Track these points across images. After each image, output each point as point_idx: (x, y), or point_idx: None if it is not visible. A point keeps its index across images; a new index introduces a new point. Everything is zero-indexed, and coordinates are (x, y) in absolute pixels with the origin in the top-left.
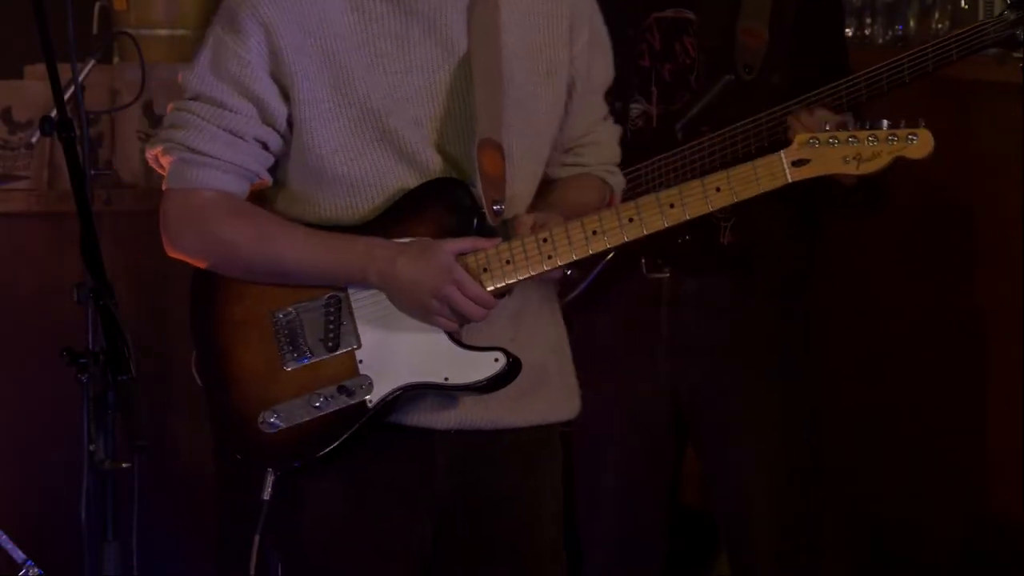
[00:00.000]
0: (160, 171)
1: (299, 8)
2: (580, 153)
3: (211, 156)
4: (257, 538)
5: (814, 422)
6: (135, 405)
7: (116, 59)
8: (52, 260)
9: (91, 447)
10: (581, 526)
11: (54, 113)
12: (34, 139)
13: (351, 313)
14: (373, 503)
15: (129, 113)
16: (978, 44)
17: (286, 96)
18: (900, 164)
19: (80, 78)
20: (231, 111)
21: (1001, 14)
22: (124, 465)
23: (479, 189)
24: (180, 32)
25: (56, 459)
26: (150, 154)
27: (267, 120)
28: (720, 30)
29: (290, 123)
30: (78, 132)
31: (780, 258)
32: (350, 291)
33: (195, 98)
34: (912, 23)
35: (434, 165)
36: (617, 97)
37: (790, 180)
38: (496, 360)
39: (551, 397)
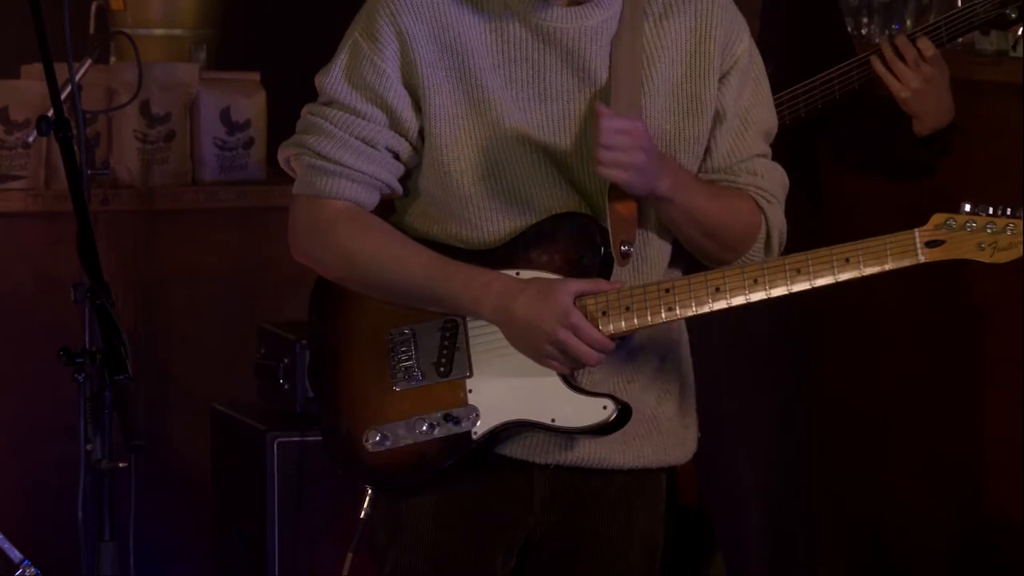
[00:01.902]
0: (291, 174)
1: (438, 22)
2: (734, 173)
3: (342, 164)
4: (350, 556)
5: (811, 421)
6: (132, 405)
7: (113, 59)
8: (49, 260)
9: (88, 446)
10: None
11: (51, 113)
12: (31, 139)
13: (466, 340)
14: (465, 529)
15: (126, 113)
16: (966, 26)
17: (418, 108)
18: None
19: (77, 78)
20: (364, 119)
21: None
22: (121, 465)
23: (608, 227)
24: (177, 32)
25: (53, 458)
26: (282, 156)
27: (399, 130)
28: None
29: (422, 136)
30: (75, 132)
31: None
32: (468, 318)
33: (329, 103)
34: (909, 22)
35: (564, 196)
36: None
37: (921, 260)
38: (604, 408)
39: (661, 442)
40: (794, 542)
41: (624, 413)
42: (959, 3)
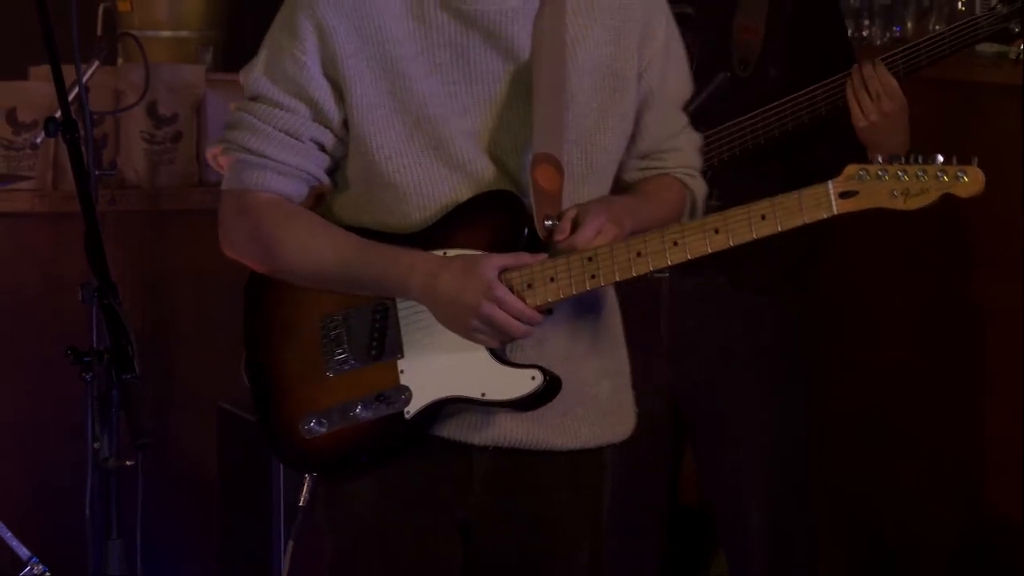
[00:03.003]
0: (220, 171)
1: (357, 12)
2: (660, 158)
3: (267, 157)
4: (291, 543)
5: (812, 421)
6: (139, 403)
7: (120, 60)
8: (57, 260)
9: (95, 445)
10: None
11: (59, 114)
12: (39, 140)
13: (397, 322)
14: (405, 512)
15: (133, 114)
16: (971, 38)
17: (341, 99)
18: (947, 201)
19: (84, 79)
20: (287, 112)
21: (994, 8)
22: (128, 463)
23: (531, 202)
24: (183, 33)
25: (61, 457)
26: (210, 154)
27: (323, 121)
28: (718, 25)
29: (347, 126)
30: (82, 133)
31: (767, 252)
32: (397, 300)
33: (254, 99)
34: (910, 25)
35: (488, 176)
36: None
37: (836, 212)
38: (533, 378)
39: (599, 421)
40: (794, 541)
41: (553, 384)
42: (959, 6)
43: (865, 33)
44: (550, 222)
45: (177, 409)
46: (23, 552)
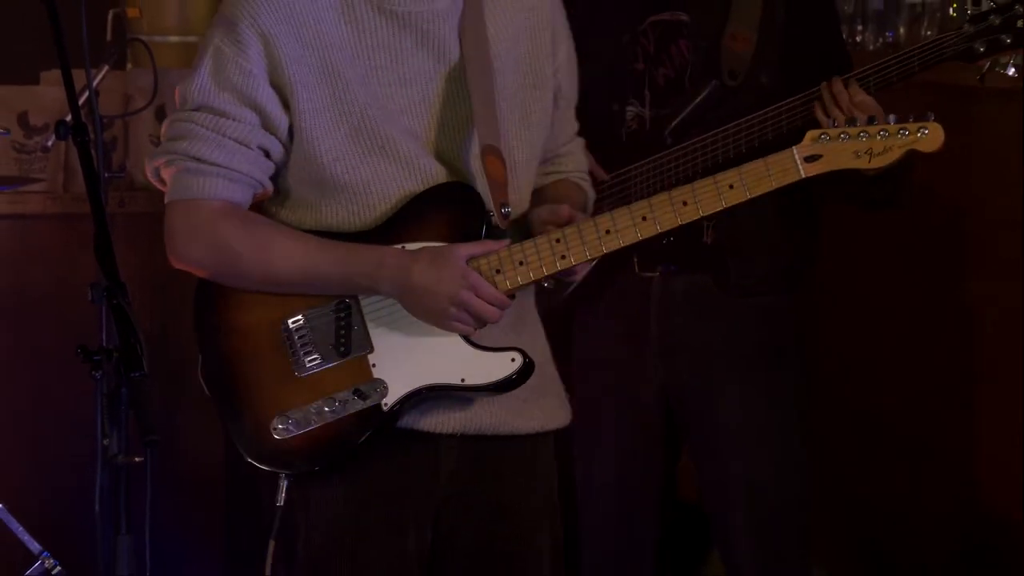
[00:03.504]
0: (160, 186)
1: (297, 20)
2: (559, 163)
3: (217, 164)
4: (272, 543)
5: (806, 421)
6: (147, 401)
7: (129, 65)
8: (67, 260)
9: (105, 442)
10: (580, 517)
11: (69, 118)
12: (50, 143)
13: (362, 318)
14: (375, 506)
15: (142, 118)
16: (936, 58)
17: (286, 105)
18: (912, 157)
19: (94, 84)
20: (235, 120)
21: (960, 28)
22: (137, 459)
23: (485, 192)
24: (191, 39)
25: (71, 453)
26: (149, 168)
27: (269, 128)
28: (712, 33)
29: (291, 132)
30: (92, 136)
31: (754, 256)
32: (360, 296)
33: (198, 109)
34: (902, 30)
35: (434, 171)
36: (613, 100)
37: (803, 175)
38: (513, 360)
39: (549, 404)
40: (786, 541)
41: (531, 364)
42: (951, 12)
43: (858, 39)
44: (506, 209)
45: (184, 407)
46: (35, 546)
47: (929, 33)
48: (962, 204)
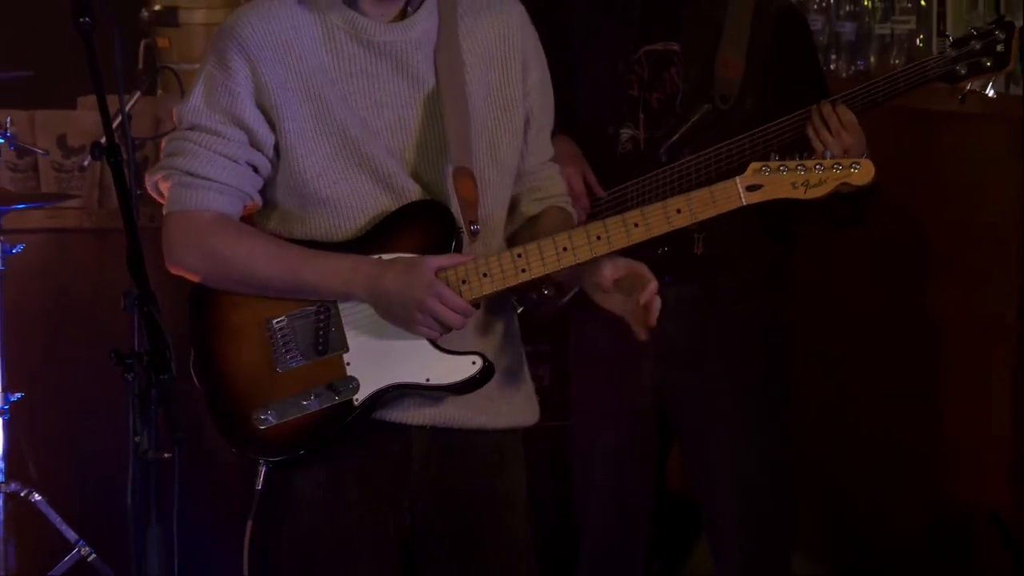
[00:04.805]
0: (159, 198)
1: (281, 46)
2: (543, 188)
3: (209, 179)
4: (250, 523)
5: (789, 419)
6: (175, 401)
7: (159, 91)
8: (102, 271)
9: (136, 439)
10: (578, 511)
11: (104, 140)
12: (86, 163)
13: (339, 320)
14: (352, 491)
15: None
16: (921, 79)
17: (272, 125)
18: (845, 189)
19: (127, 108)
20: (225, 138)
21: (943, 51)
22: (166, 455)
23: (457, 210)
24: None
25: (106, 450)
26: (150, 182)
27: (257, 146)
28: (702, 61)
29: (277, 149)
30: (125, 156)
31: (737, 267)
32: (339, 300)
33: (191, 128)
34: (872, 59)
35: (410, 189)
36: (609, 123)
37: (744, 203)
38: (474, 363)
39: (517, 403)
40: (771, 531)
41: (490, 368)
42: (917, 43)
43: (832, 67)
44: (475, 227)
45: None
46: (71, 535)
47: (897, 62)
48: (931, 220)
